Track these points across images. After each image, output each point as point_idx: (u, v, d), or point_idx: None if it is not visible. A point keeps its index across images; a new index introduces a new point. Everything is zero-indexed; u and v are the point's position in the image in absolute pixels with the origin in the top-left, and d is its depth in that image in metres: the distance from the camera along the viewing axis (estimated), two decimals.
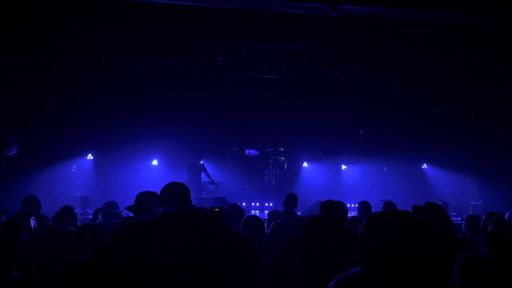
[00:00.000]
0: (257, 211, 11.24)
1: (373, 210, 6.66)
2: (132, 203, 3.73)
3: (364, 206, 6.23)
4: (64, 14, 8.43)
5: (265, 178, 12.89)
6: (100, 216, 6.02)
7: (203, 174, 11.59)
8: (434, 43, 9.82)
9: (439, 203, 7.54)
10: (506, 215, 5.19)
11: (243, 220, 4.41)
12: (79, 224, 5.76)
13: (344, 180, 13.30)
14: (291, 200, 5.95)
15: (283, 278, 2.84)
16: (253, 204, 11.63)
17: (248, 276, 0.67)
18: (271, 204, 11.13)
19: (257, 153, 12.35)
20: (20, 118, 10.37)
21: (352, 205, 10.39)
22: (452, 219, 4.24)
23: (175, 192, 3.23)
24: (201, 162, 11.52)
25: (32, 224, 5.04)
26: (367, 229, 1.50)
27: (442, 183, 12.65)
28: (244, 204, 10.89)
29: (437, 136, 12.21)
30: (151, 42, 10.18)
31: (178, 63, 11.32)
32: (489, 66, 10.50)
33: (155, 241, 0.63)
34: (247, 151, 12.62)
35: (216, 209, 3.36)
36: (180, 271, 0.61)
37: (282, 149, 13.04)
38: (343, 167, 13.61)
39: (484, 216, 5.39)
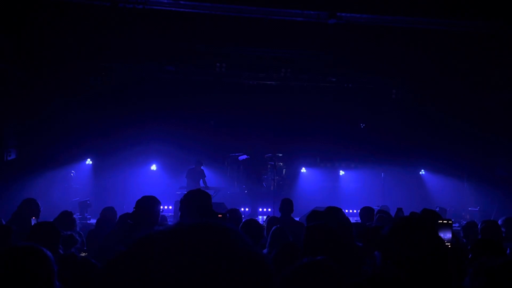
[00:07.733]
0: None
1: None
2: (131, 207, 3.67)
3: (367, 212, 6.22)
4: (63, 19, 8.48)
5: (264, 183, 12.88)
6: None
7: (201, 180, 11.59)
8: (432, 50, 9.88)
9: (437, 209, 7.57)
10: (499, 222, 5.23)
11: (241, 224, 4.44)
12: (78, 229, 5.75)
13: (342, 186, 13.32)
14: (286, 206, 5.91)
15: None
16: (247, 209, 11.61)
17: None
18: (269, 210, 11.12)
19: (248, 157, 12.31)
20: (19, 123, 10.39)
21: (351, 211, 10.40)
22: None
23: (197, 201, 3.16)
24: (201, 168, 11.53)
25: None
26: (396, 234, 1.70)
27: (440, 189, 12.68)
28: (242, 209, 10.88)
29: (435, 143, 12.25)
30: (150, 48, 10.23)
31: (176, 69, 11.38)
32: (487, 72, 10.57)
33: (161, 262, 0.60)
34: (239, 156, 12.58)
35: (219, 215, 3.36)
36: None
37: (280, 155, 13.05)
38: (341, 173, 13.63)
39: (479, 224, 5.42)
